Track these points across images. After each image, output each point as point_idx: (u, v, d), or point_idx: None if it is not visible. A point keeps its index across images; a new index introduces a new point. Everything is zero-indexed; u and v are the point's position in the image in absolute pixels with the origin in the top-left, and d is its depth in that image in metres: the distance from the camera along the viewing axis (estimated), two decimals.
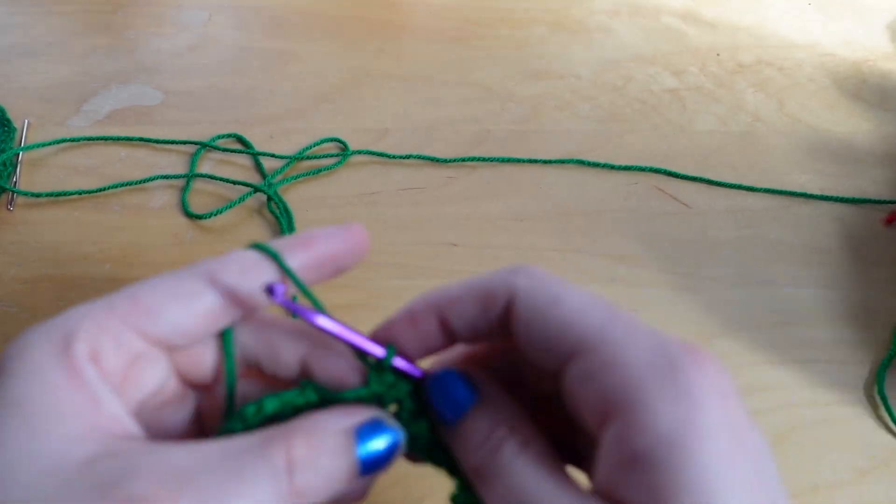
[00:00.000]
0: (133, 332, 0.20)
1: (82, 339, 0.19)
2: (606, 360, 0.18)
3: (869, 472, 0.34)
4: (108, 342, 0.20)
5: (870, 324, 0.41)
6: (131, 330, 0.20)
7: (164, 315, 0.20)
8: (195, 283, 0.21)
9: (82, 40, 0.59)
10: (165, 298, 0.20)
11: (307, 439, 0.19)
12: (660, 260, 0.43)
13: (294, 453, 0.18)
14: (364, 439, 0.20)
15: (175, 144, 0.49)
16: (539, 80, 0.58)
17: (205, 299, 0.21)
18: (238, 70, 0.57)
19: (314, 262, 0.22)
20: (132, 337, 0.20)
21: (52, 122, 0.51)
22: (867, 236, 0.46)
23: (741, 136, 0.53)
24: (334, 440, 0.19)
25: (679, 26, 0.65)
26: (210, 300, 0.21)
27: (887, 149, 0.52)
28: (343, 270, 0.23)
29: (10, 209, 0.44)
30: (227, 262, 0.21)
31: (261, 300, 0.21)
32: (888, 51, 0.62)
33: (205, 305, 0.21)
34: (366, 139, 0.50)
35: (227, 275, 0.21)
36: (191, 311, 0.21)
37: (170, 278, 0.21)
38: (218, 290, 0.21)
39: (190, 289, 0.21)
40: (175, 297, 0.21)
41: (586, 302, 0.20)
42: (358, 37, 0.61)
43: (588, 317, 0.19)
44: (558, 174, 0.49)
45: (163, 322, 0.20)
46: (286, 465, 0.18)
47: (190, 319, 0.21)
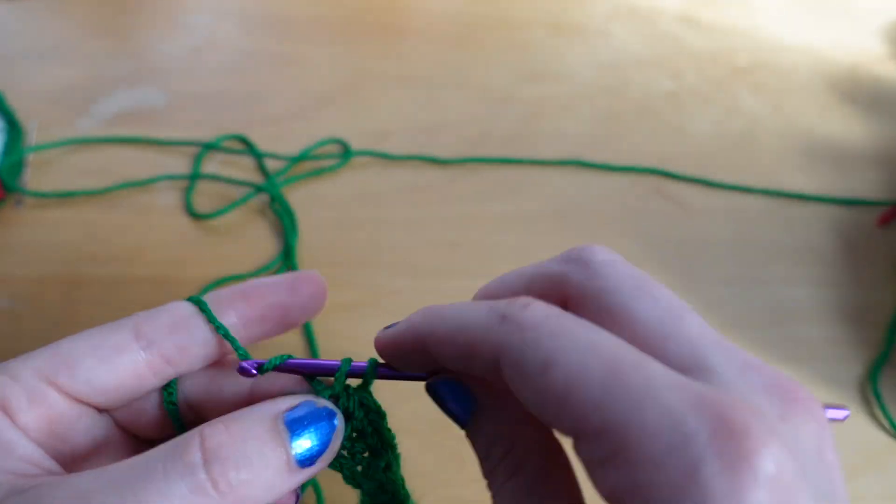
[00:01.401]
0: (48, 386, 0.19)
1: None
2: (610, 453, 0.15)
3: (863, 470, 0.35)
4: (20, 395, 0.18)
5: (864, 323, 0.41)
6: (46, 384, 0.19)
7: (81, 371, 0.19)
8: (119, 338, 0.19)
9: (89, 43, 0.60)
10: (84, 353, 0.19)
11: (226, 428, 0.17)
12: (657, 260, 0.44)
13: (212, 442, 0.16)
14: (297, 426, 0.18)
15: (180, 145, 0.50)
16: (539, 82, 0.58)
17: (128, 356, 0.19)
18: (242, 72, 0.58)
19: (256, 316, 0.20)
20: (48, 391, 0.19)
21: (59, 124, 0.51)
22: (861, 237, 0.46)
23: (737, 138, 0.54)
24: (260, 426, 0.17)
25: (676, 30, 0.65)
26: (134, 357, 0.19)
27: (881, 150, 0.53)
28: (295, 323, 0.21)
29: (19, 209, 0.45)
30: (157, 315, 0.20)
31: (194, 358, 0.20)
32: (882, 54, 0.63)
33: (128, 363, 0.19)
34: (367, 140, 0.51)
35: (155, 330, 0.19)
36: (111, 369, 0.19)
37: (96, 331, 0.20)
38: (144, 345, 0.19)
39: (113, 343, 0.19)
40: (95, 351, 0.19)
41: (583, 364, 0.15)
42: (360, 39, 0.62)
43: (585, 388, 0.15)
44: (558, 175, 0.50)
45: (80, 380, 0.19)
46: (202, 458, 0.16)
47: (111, 377, 0.19)
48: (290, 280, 0.21)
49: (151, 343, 0.19)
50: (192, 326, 0.20)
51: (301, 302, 0.21)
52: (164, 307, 0.20)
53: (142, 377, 0.19)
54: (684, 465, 0.13)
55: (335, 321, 0.40)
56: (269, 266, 0.42)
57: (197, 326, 0.20)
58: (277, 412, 0.18)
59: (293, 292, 0.21)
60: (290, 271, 0.21)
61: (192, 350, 0.20)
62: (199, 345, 0.20)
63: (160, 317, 0.20)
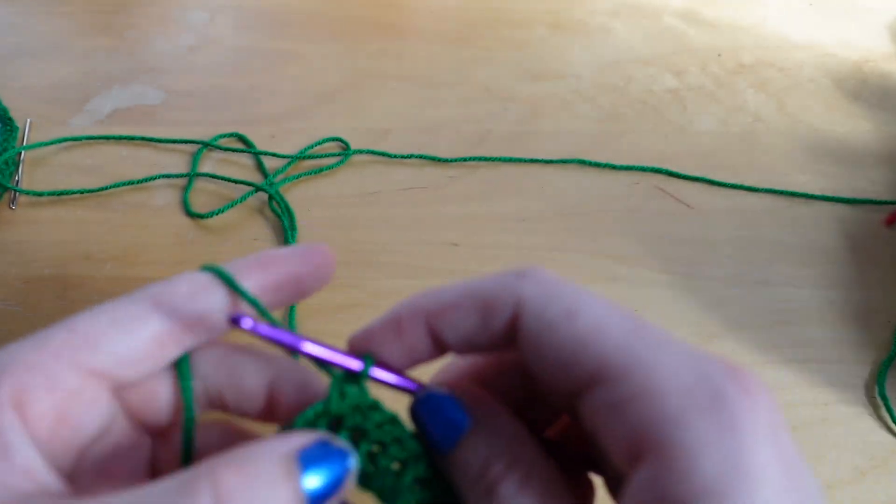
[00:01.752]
0: (69, 366, 0.18)
1: (5, 384, 0.17)
2: (636, 390, 0.16)
3: (869, 472, 0.35)
4: (39, 382, 0.18)
5: (870, 324, 0.41)
6: (67, 364, 0.18)
7: (103, 344, 0.18)
8: (138, 308, 0.19)
9: (84, 40, 0.59)
10: (105, 326, 0.18)
11: (238, 469, 0.16)
12: (660, 260, 0.43)
13: (222, 488, 0.15)
14: (309, 465, 0.17)
15: (177, 144, 0.49)
16: (540, 80, 0.58)
17: (149, 325, 0.19)
18: (240, 70, 0.57)
19: (272, 284, 0.20)
20: (67, 373, 0.18)
21: (54, 122, 0.51)
22: (867, 237, 0.46)
23: (741, 137, 0.53)
24: (272, 468, 0.16)
25: (679, 27, 0.65)
26: (155, 326, 0.19)
27: (887, 149, 0.52)
28: (306, 294, 0.21)
29: (13, 208, 0.44)
30: (174, 284, 0.19)
31: (216, 324, 0.19)
32: (888, 51, 0.62)
33: (150, 331, 0.19)
34: (367, 139, 0.51)
35: (174, 298, 0.19)
36: (134, 339, 0.18)
37: (111, 305, 0.19)
38: (164, 314, 0.19)
39: (132, 314, 0.19)
40: (115, 323, 0.19)
41: (608, 314, 0.17)
42: (359, 37, 0.62)
43: (610, 334, 0.17)
44: (559, 174, 0.49)
45: (103, 351, 0.18)
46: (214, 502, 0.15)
47: (134, 347, 0.19)
48: (303, 251, 0.21)
49: (172, 311, 0.19)
50: (212, 293, 0.19)
51: (313, 272, 0.21)
52: (180, 276, 0.20)
53: (164, 345, 0.19)
54: (710, 392, 0.15)
55: (334, 321, 0.39)
56: None
57: (216, 293, 0.19)
58: (291, 451, 0.17)
59: (306, 262, 0.21)
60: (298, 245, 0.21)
61: (213, 317, 0.19)
62: (219, 311, 0.19)
63: (178, 286, 0.19)
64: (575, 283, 0.18)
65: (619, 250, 0.44)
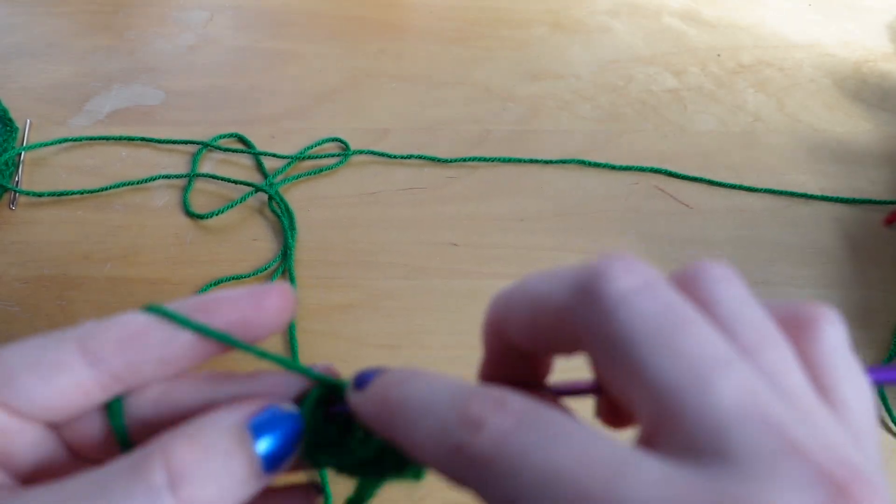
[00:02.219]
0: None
1: None
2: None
3: None
4: None
5: (869, 324, 0.41)
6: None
7: (19, 386, 0.17)
8: (61, 353, 0.17)
9: (84, 40, 0.59)
10: (24, 366, 0.17)
11: (191, 443, 0.16)
12: (660, 260, 0.43)
13: (175, 464, 0.15)
14: (261, 432, 0.17)
15: (176, 144, 0.49)
16: (539, 80, 0.58)
17: (72, 372, 0.17)
18: (239, 70, 0.57)
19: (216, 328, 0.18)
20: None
21: (53, 122, 0.51)
22: (866, 236, 0.46)
23: (741, 136, 0.53)
24: (225, 438, 0.16)
25: (679, 26, 0.65)
26: (79, 374, 0.17)
27: (887, 149, 0.52)
28: (256, 341, 0.19)
29: (13, 209, 0.44)
30: (106, 328, 0.18)
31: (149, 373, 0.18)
32: (888, 51, 0.62)
33: (71, 379, 0.17)
34: (366, 139, 0.50)
35: (103, 345, 0.17)
36: (53, 385, 0.17)
37: (37, 343, 0.18)
38: (89, 362, 0.17)
39: (54, 359, 0.17)
40: (34, 367, 0.17)
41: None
42: (359, 37, 0.62)
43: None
44: (559, 174, 0.49)
45: (20, 395, 0.17)
46: (167, 480, 0.15)
47: (53, 394, 0.17)
48: (256, 294, 0.19)
49: (98, 360, 0.17)
50: (145, 341, 0.18)
51: (266, 317, 0.19)
52: (116, 318, 0.18)
53: (88, 394, 0.18)
54: None
55: (333, 321, 0.39)
56: (267, 266, 0.41)
57: (151, 340, 0.18)
58: (242, 419, 0.17)
59: (258, 307, 0.19)
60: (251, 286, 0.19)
61: (145, 368, 0.18)
62: (152, 362, 0.18)
63: (109, 330, 0.18)
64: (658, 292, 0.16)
65: (619, 250, 0.44)
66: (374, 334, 0.39)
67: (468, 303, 0.40)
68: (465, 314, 0.40)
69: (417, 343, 0.39)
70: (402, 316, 0.40)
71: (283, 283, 0.19)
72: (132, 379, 0.18)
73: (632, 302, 0.15)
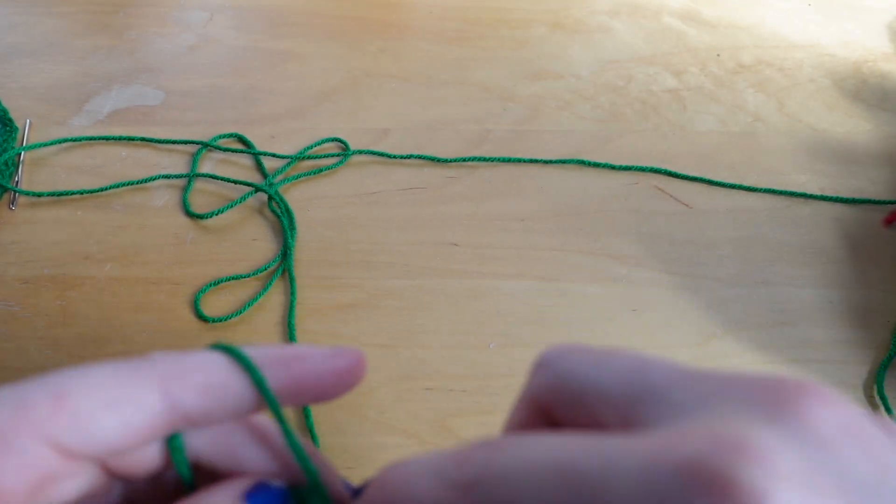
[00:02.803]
0: (48, 446, 0.15)
1: None
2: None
3: None
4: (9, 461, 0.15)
5: (869, 324, 0.41)
6: (46, 444, 0.15)
7: (93, 426, 0.16)
8: (142, 388, 0.16)
9: (83, 40, 0.59)
10: (99, 405, 0.16)
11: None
12: (659, 260, 0.43)
13: None
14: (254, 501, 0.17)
15: (176, 144, 0.49)
16: (539, 80, 0.58)
17: (150, 409, 0.16)
18: (239, 70, 0.57)
19: (293, 384, 0.18)
20: (43, 450, 0.15)
21: (53, 122, 0.51)
22: (866, 236, 0.46)
23: (741, 137, 0.53)
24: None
25: (679, 26, 0.65)
26: (156, 410, 0.16)
27: (887, 149, 0.52)
28: (325, 399, 0.18)
29: (12, 209, 0.44)
30: (188, 368, 0.17)
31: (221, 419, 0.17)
32: (888, 51, 0.62)
33: (148, 416, 0.16)
34: (366, 139, 0.50)
35: (186, 387, 0.17)
36: (129, 423, 0.16)
37: (109, 376, 0.16)
38: (170, 401, 0.16)
39: (134, 395, 0.16)
40: (113, 405, 0.16)
41: None
42: (358, 37, 0.62)
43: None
44: (559, 174, 0.49)
45: (92, 435, 0.16)
46: None
47: (126, 432, 0.16)
48: (335, 353, 0.18)
49: (177, 402, 0.17)
50: (227, 389, 0.17)
51: (340, 378, 0.18)
52: (196, 358, 0.17)
53: (157, 432, 0.17)
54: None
55: (333, 322, 0.39)
56: (267, 266, 0.41)
57: (233, 392, 0.17)
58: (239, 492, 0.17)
59: (335, 366, 0.18)
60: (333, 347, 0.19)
61: (219, 414, 0.17)
62: (229, 410, 0.17)
63: (192, 375, 0.17)
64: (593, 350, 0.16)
65: (619, 250, 0.44)
66: (374, 334, 0.39)
67: (468, 303, 0.40)
68: (465, 314, 0.40)
69: (417, 343, 0.39)
70: (402, 316, 0.40)
71: (357, 350, 0.19)
72: (203, 422, 0.17)
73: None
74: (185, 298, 0.40)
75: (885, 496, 0.11)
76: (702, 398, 0.13)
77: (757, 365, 0.38)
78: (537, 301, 0.41)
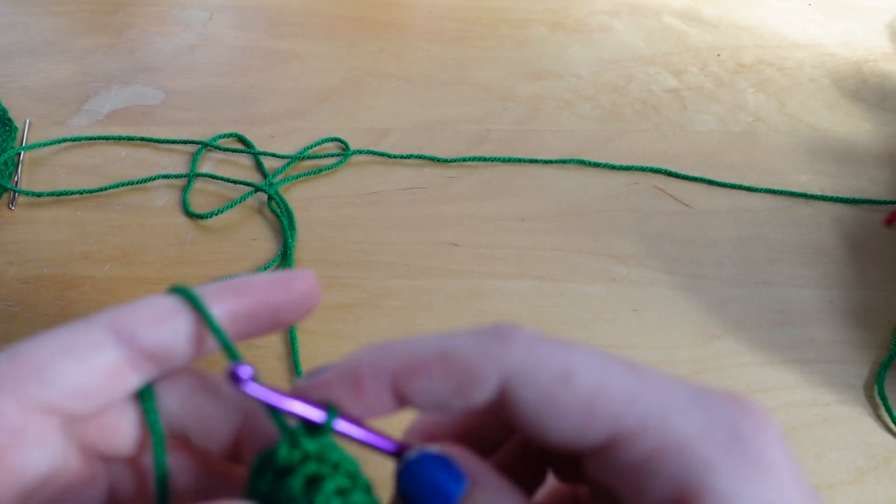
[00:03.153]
0: (11, 401, 0.16)
1: None
2: (657, 444, 0.15)
3: (869, 472, 0.35)
4: None
5: (870, 324, 0.41)
6: (9, 399, 0.16)
7: (52, 374, 0.16)
8: (93, 334, 0.17)
9: (83, 40, 0.59)
10: (54, 354, 0.16)
11: None
12: (660, 260, 0.43)
13: None
14: None
15: (176, 144, 0.49)
16: (539, 79, 0.58)
17: (105, 353, 0.17)
18: (239, 70, 0.57)
19: (245, 311, 0.18)
20: (11, 407, 0.16)
21: (53, 122, 0.51)
22: (867, 236, 0.46)
23: (741, 136, 0.53)
24: None
25: (680, 26, 0.65)
26: (112, 354, 0.17)
27: (887, 149, 0.52)
28: (283, 325, 0.19)
29: (12, 208, 0.44)
30: (136, 308, 0.18)
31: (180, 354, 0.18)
32: (888, 51, 0.62)
33: (106, 360, 0.17)
34: (366, 139, 0.50)
35: (134, 324, 0.17)
36: (88, 368, 0.17)
37: (63, 330, 0.17)
38: (122, 341, 0.17)
39: (87, 340, 0.17)
40: (67, 350, 0.17)
41: (604, 368, 0.16)
42: (358, 37, 0.62)
43: (613, 391, 0.15)
44: (559, 174, 0.49)
45: (52, 383, 0.16)
46: None
47: (87, 378, 0.17)
48: (284, 277, 0.19)
49: (131, 339, 0.17)
50: (178, 320, 0.17)
51: (294, 301, 0.18)
52: (144, 300, 0.18)
53: (123, 375, 0.17)
54: (728, 431, 0.15)
55: (333, 322, 0.39)
56: (267, 266, 0.41)
57: (182, 319, 0.18)
58: None
59: (287, 291, 0.18)
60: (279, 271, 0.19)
61: (178, 346, 0.18)
62: (184, 340, 0.18)
63: (140, 310, 0.17)
64: (558, 338, 0.16)
65: (619, 250, 0.44)
66: (375, 334, 0.39)
67: (468, 303, 0.40)
68: (465, 314, 0.40)
69: None
70: (403, 316, 0.40)
71: (308, 271, 0.19)
72: (164, 359, 0.18)
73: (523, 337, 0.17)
74: None
75: None
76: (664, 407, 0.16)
77: (756, 365, 0.38)
78: (537, 301, 0.41)
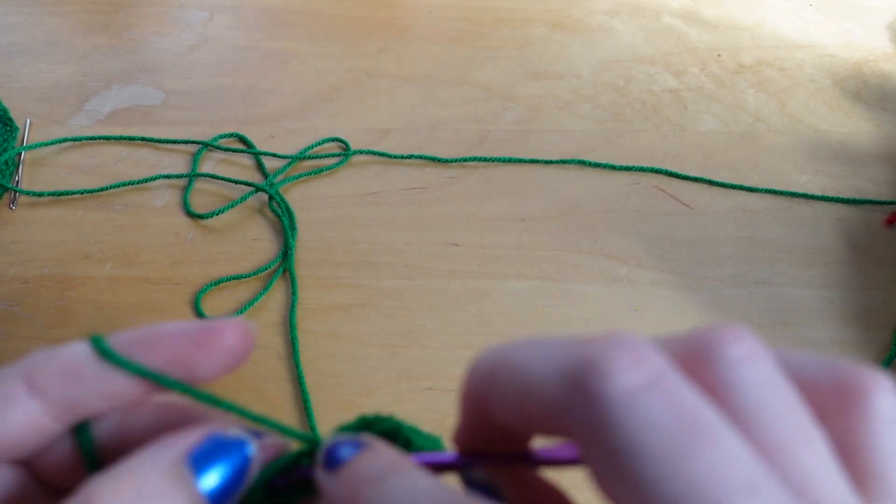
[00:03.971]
0: None
1: None
2: None
3: None
4: None
5: (870, 324, 0.41)
6: None
7: None
8: (8, 385, 0.17)
9: (84, 40, 0.59)
10: None
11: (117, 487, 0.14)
12: (660, 260, 0.43)
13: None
14: (203, 465, 0.15)
15: (176, 144, 0.49)
16: (540, 80, 0.58)
17: (21, 407, 0.17)
18: (239, 70, 0.57)
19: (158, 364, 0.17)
20: None
21: (53, 122, 0.51)
22: (867, 237, 0.46)
23: (742, 137, 0.53)
24: (158, 477, 0.15)
25: (680, 26, 0.65)
26: (28, 407, 0.17)
27: (887, 149, 0.52)
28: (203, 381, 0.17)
29: (13, 208, 0.44)
30: (48, 360, 0.17)
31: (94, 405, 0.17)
32: (888, 51, 0.62)
33: (22, 414, 0.17)
34: (367, 139, 0.50)
35: (45, 378, 0.17)
36: (4, 420, 0.17)
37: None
38: (37, 395, 0.17)
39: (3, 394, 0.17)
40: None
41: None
42: (359, 37, 0.62)
43: None
44: (559, 174, 0.49)
45: None
46: None
47: (9, 430, 0.17)
48: (201, 331, 0.17)
49: (45, 393, 0.17)
50: (85, 376, 0.17)
51: (211, 358, 0.17)
52: (60, 349, 0.17)
53: (41, 427, 0.17)
54: None
55: (334, 322, 0.39)
56: (267, 266, 0.41)
57: (90, 375, 0.17)
58: (178, 454, 0.15)
59: (201, 347, 0.17)
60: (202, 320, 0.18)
61: (89, 401, 0.17)
62: (93, 395, 0.17)
63: (51, 363, 0.17)
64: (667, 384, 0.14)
65: (619, 250, 0.44)
66: (375, 334, 0.39)
67: (469, 303, 0.40)
68: (465, 314, 0.40)
69: (418, 343, 0.39)
70: (403, 316, 0.40)
71: (241, 320, 0.18)
72: (80, 410, 0.17)
73: (637, 406, 0.12)
74: (186, 298, 0.40)
75: None
76: None
77: None
78: (537, 301, 0.41)
